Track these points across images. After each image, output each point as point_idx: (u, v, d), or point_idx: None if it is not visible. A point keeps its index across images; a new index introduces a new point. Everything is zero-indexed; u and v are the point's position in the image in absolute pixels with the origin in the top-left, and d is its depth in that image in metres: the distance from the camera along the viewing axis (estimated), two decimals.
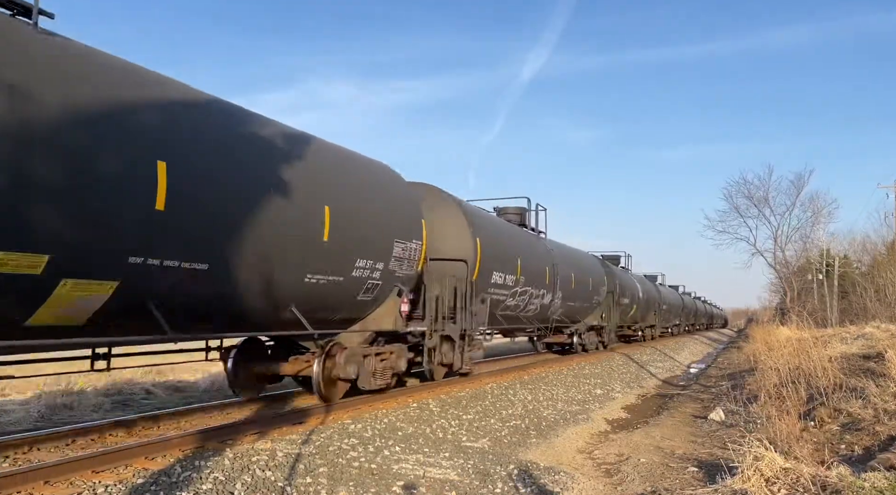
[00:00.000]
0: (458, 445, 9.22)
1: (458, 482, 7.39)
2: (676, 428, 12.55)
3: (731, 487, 6.97)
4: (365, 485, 6.81)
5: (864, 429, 9.46)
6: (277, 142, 8.41)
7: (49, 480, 5.92)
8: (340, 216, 9.07)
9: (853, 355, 15.75)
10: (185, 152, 6.83)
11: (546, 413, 12.95)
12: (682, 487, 7.95)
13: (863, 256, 45.68)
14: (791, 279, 45.28)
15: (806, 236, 46.05)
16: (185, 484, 6.06)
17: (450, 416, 10.73)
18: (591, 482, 8.54)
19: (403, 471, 7.49)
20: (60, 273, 5.75)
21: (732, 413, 12.93)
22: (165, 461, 6.78)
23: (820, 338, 19.07)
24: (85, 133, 5.82)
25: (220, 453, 7.06)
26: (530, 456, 9.32)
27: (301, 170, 8.57)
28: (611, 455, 10.35)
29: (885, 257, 38.03)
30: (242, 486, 6.19)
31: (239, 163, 7.58)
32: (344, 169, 9.82)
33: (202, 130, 7.26)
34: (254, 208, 7.60)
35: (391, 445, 8.46)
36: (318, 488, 6.53)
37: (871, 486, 6.17)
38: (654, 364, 26.18)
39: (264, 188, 7.80)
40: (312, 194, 8.64)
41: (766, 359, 17.20)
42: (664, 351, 31.60)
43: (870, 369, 12.96)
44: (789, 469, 6.86)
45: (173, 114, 6.93)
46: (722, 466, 8.04)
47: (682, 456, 9.86)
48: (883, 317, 27.97)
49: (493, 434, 10.41)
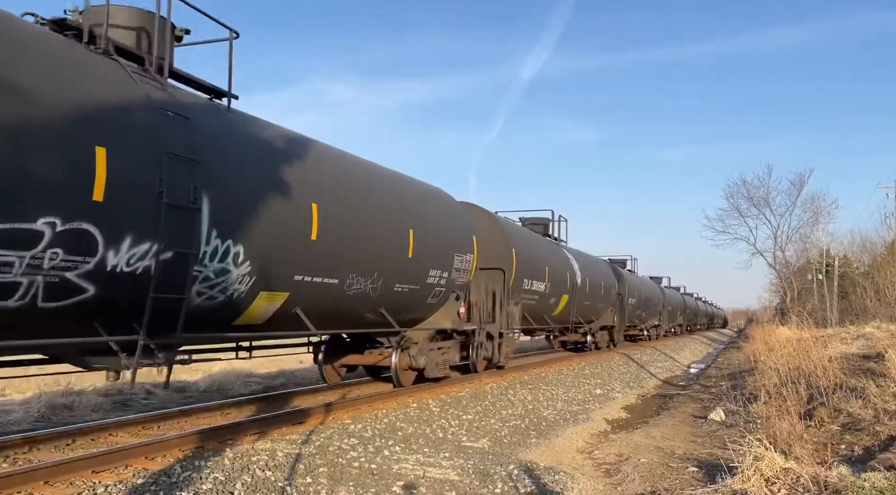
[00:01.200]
0: (458, 445, 9.22)
1: (458, 482, 7.39)
2: (676, 428, 12.54)
3: (731, 487, 6.97)
4: (365, 485, 6.80)
5: (864, 429, 9.46)
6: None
7: (49, 480, 5.92)
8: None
9: (853, 355, 15.76)
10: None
11: (546, 413, 12.95)
12: (682, 487, 7.95)
13: (863, 256, 45.70)
14: (791, 279, 45.23)
15: (806, 236, 45.98)
16: (185, 484, 6.06)
17: (450, 416, 10.73)
18: (591, 482, 8.53)
19: (403, 471, 7.48)
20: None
21: (732, 413, 12.92)
22: (165, 461, 6.78)
23: (820, 338, 19.07)
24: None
25: (220, 453, 7.05)
26: (530, 456, 9.32)
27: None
28: (611, 455, 10.35)
29: (885, 257, 38.01)
30: (242, 486, 6.19)
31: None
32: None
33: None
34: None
35: (391, 445, 8.46)
36: (318, 488, 6.53)
37: (871, 486, 6.17)
38: (655, 364, 26.18)
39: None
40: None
41: (765, 359, 17.20)
42: (664, 351, 31.60)
43: (870, 369, 12.95)
44: (789, 469, 6.85)
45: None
46: (722, 466, 8.04)
47: (682, 456, 9.86)
48: (883, 317, 27.97)
49: (493, 434, 10.41)
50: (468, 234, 13.48)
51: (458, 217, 13.54)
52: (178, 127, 6.90)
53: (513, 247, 15.77)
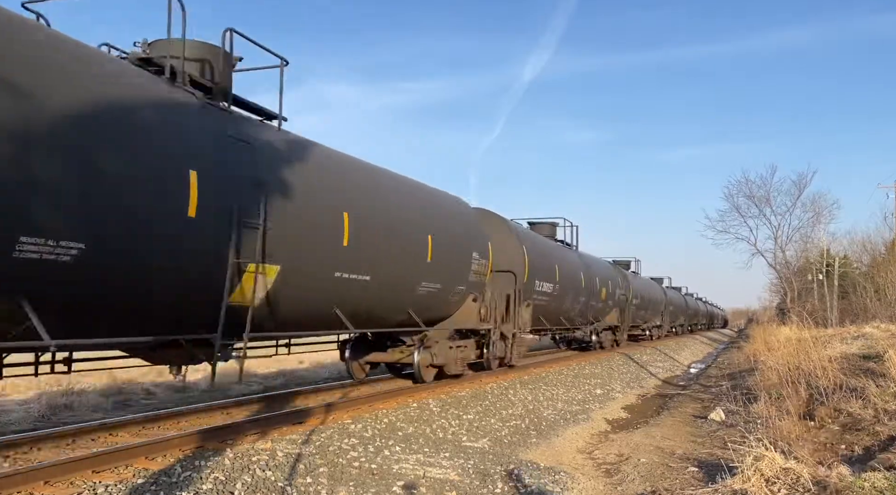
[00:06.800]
0: (458, 445, 9.22)
1: (459, 482, 7.39)
2: (676, 428, 12.55)
3: (731, 487, 6.97)
4: (365, 485, 6.81)
5: (864, 429, 9.46)
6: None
7: (49, 480, 5.92)
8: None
9: (853, 355, 15.76)
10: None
11: (546, 413, 12.95)
12: (682, 487, 7.95)
13: (863, 256, 45.66)
14: (791, 279, 45.20)
15: (806, 236, 45.93)
16: (185, 484, 6.07)
17: (450, 416, 10.72)
18: (591, 482, 8.54)
19: (403, 471, 7.49)
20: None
21: (732, 413, 12.92)
22: (166, 461, 6.78)
23: (820, 338, 19.04)
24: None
25: (220, 453, 7.06)
26: (530, 456, 9.33)
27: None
28: (611, 455, 10.35)
29: (885, 257, 38.01)
30: (243, 486, 6.19)
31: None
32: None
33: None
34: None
35: (391, 445, 8.46)
36: (318, 488, 6.54)
37: (871, 486, 6.17)
38: (655, 364, 26.19)
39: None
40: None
41: (766, 359, 17.22)
42: (664, 351, 31.60)
43: (870, 369, 12.95)
44: (789, 469, 6.86)
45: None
46: (722, 466, 8.04)
47: (682, 456, 9.86)
48: (883, 317, 27.98)
49: (493, 434, 10.41)
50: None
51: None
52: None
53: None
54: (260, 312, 8.14)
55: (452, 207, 13.58)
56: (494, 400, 12.65)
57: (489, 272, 14.26)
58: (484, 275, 13.99)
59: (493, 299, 14.58)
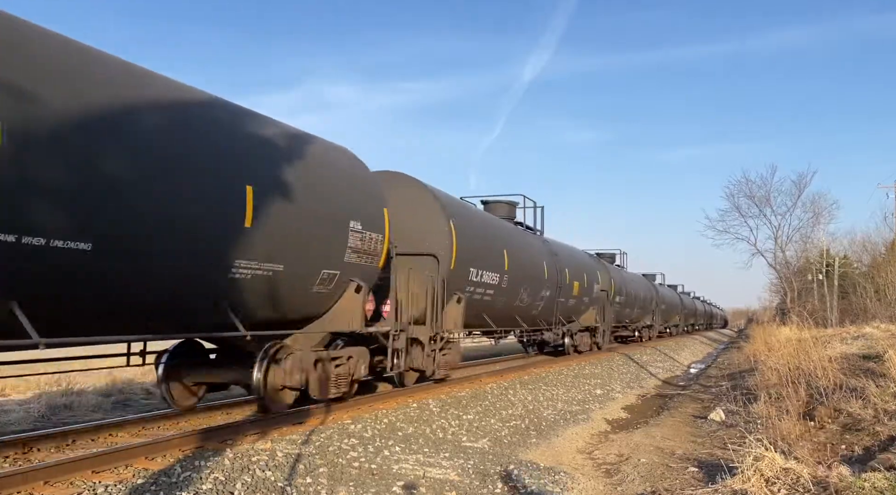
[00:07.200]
0: (458, 445, 9.22)
1: (459, 482, 7.39)
2: (676, 429, 12.54)
3: (731, 487, 6.97)
4: (365, 485, 6.81)
5: (864, 429, 9.45)
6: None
7: (49, 480, 5.92)
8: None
9: (853, 355, 15.76)
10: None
11: (546, 413, 12.95)
12: (682, 487, 7.95)
13: (863, 256, 45.69)
14: (791, 279, 45.22)
15: (806, 236, 45.97)
16: (185, 484, 6.06)
17: (450, 416, 10.72)
18: (591, 482, 8.54)
19: (403, 471, 7.49)
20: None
21: (732, 413, 12.91)
22: (165, 461, 6.77)
23: (820, 338, 19.05)
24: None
25: (220, 453, 7.05)
26: (530, 457, 9.33)
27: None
28: (611, 455, 10.35)
29: (885, 257, 38.03)
30: (242, 486, 6.19)
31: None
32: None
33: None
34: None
35: (391, 445, 8.46)
36: (318, 488, 6.53)
37: (871, 486, 6.17)
38: (654, 364, 26.19)
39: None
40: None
41: (766, 359, 17.22)
42: (664, 351, 31.61)
43: (870, 369, 12.95)
44: (789, 469, 6.86)
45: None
46: (722, 466, 8.04)
47: (682, 457, 9.86)
48: (883, 317, 27.99)
49: (493, 434, 10.41)
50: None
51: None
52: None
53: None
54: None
55: (319, 157, 9.41)
56: (494, 401, 12.65)
57: (385, 252, 10.41)
58: (375, 257, 10.13)
59: (396, 291, 10.81)
